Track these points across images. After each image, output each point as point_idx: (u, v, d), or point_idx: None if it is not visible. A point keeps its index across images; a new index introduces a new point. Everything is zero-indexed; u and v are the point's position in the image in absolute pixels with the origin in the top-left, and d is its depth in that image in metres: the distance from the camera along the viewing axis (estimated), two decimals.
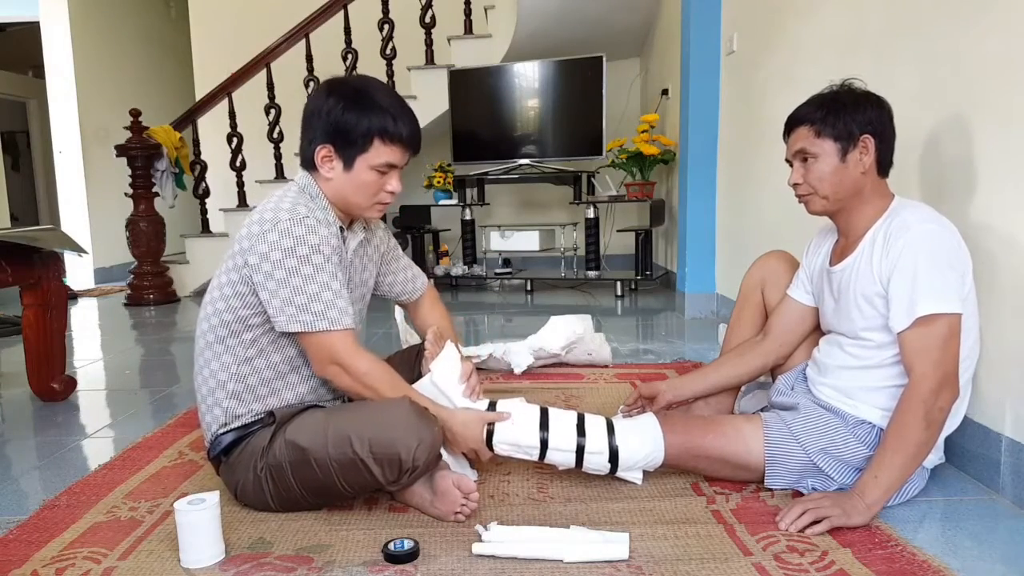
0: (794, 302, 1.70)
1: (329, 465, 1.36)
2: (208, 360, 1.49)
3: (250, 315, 1.45)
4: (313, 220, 1.42)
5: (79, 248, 2.44)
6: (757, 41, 2.99)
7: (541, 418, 1.51)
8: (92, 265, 5.91)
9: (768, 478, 1.51)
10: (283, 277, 1.39)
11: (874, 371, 1.49)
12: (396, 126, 1.44)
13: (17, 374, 2.66)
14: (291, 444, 1.40)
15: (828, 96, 1.50)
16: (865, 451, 1.46)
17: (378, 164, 1.45)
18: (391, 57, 4.77)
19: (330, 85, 1.48)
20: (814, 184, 1.50)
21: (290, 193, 1.48)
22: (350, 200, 1.49)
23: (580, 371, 2.59)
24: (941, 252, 1.38)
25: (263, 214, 1.43)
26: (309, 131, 1.48)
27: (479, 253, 5.04)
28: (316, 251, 1.40)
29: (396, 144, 1.45)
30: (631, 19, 4.82)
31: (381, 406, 1.40)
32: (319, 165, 1.47)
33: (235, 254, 1.44)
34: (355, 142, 1.44)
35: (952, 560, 1.25)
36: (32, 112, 7.83)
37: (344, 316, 1.42)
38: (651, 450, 1.50)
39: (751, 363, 1.75)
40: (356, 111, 1.43)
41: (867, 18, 2.07)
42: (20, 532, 1.44)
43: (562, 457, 1.51)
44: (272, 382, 1.49)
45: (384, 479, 1.35)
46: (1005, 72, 1.49)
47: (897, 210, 1.47)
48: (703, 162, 3.54)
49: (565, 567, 1.25)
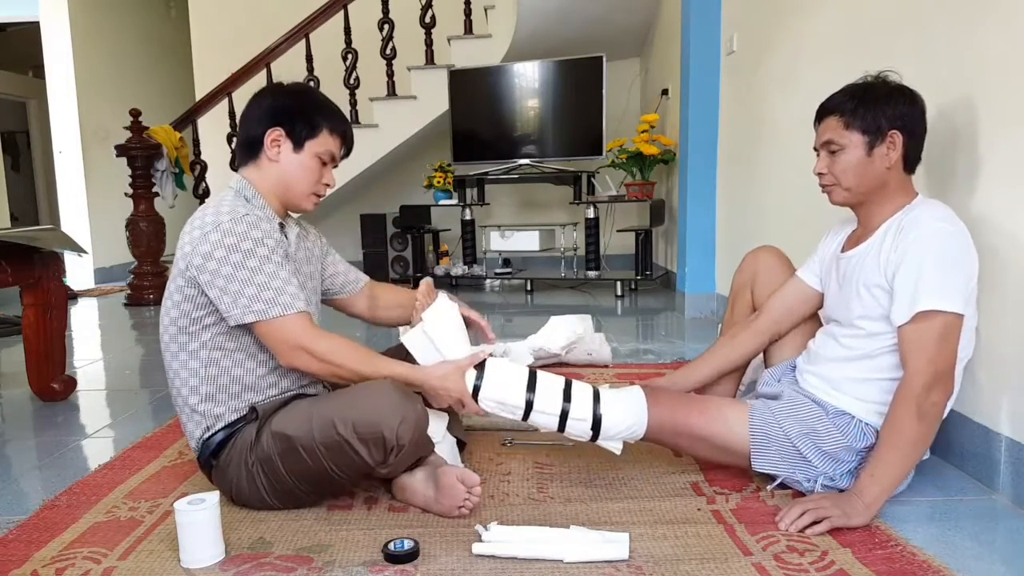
0: (800, 282, 1.70)
1: (316, 450, 1.37)
2: (177, 370, 1.50)
3: (203, 315, 1.46)
4: (254, 217, 1.45)
5: (79, 248, 2.44)
6: (757, 41, 2.99)
7: (529, 379, 1.51)
8: (92, 265, 5.91)
9: (754, 460, 1.51)
10: (230, 272, 1.40)
11: (862, 362, 1.49)
12: (340, 123, 1.56)
13: (17, 374, 2.66)
14: (278, 435, 1.41)
15: (861, 87, 1.49)
16: (844, 441, 1.46)
17: (323, 152, 1.53)
18: (391, 57, 4.78)
19: (275, 88, 1.59)
20: (838, 175, 1.50)
21: (227, 198, 1.50)
22: (292, 186, 1.54)
23: (580, 371, 2.59)
24: (950, 251, 1.38)
25: (203, 219, 1.45)
26: (252, 124, 1.53)
27: (479, 253, 5.04)
28: (260, 244, 1.42)
29: (338, 137, 1.55)
30: (631, 19, 4.82)
31: (363, 388, 1.42)
32: (267, 148, 1.51)
33: (177, 260, 1.47)
34: (306, 124, 1.51)
35: (952, 560, 1.25)
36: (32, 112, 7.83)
37: (296, 300, 1.43)
38: (633, 422, 1.50)
39: (745, 343, 1.75)
40: (306, 104, 1.53)
41: (867, 17, 2.07)
42: (20, 532, 1.45)
43: (545, 420, 1.50)
44: (243, 378, 1.50)
45: (372, 459, 1.37)
46: (1006, 71, 1.49)
47: (915, 206, 1.47)
48: (703, 162, 3.54)
49: (565, 567, 1.25)
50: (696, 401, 1.60)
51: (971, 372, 1.54)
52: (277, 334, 1.43)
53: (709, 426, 1.52)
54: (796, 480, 1.50)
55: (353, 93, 4.83)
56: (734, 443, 1.52)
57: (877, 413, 1.46)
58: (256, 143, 1.52)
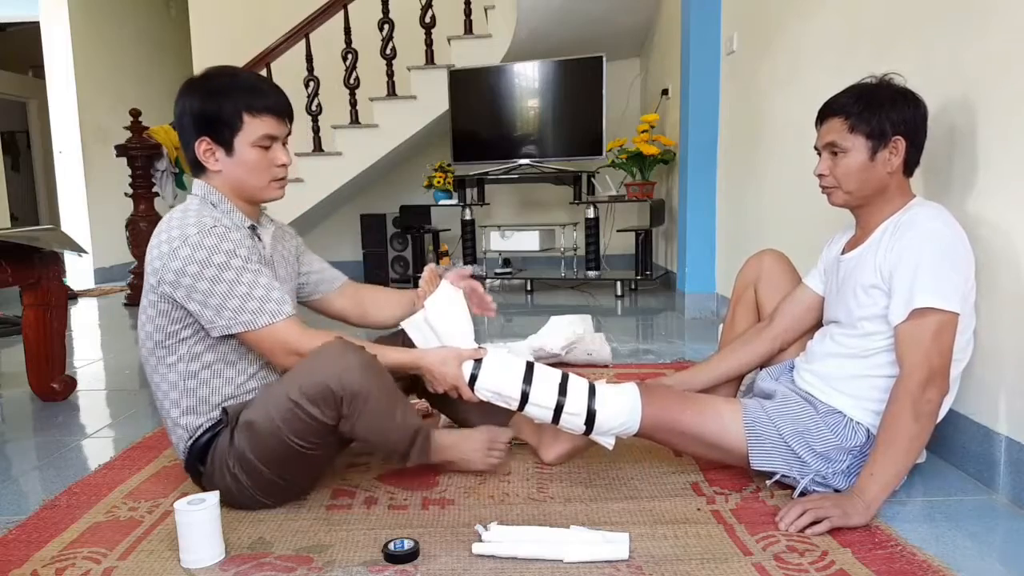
0: (808, 290, 1.71)
1: (275, 426, 1.37)
2: (158, 383, 1.50)
3: (179, 328, 1.45)
4: (222, 228, 1.42)
5: (79, 248, 2.44)
6: (757, 41, 2.99)
7: (526, 372, 1.51)
8: (92, 265, 5.91)
9: (751, 458, 1.51)
10: (207, 287, 1.38)
11: (857, 360, 1.49)
12: (260, 99, 1.45)
13: (17, 374, 2.66)
14: (243, 426, 1.41)
15: (867, 90, 1.48)
16: (836, 441, 1.46)
17: (256, 139, 1.45)
18: (391, 57, 4.78)
19: (184, 86, 1.48)
20: (839, 178, 1.50)
21: (192, 207, 1.47)
22: (247, 184, 1.49)
23: (580, 371, 2.59)
24: (946, 251, 1.39)
25: (170, 232, 1.41)
26: (183, 135, 1.48)
27: (479, 253, 5.04)
28: (232, 255, 1.40)
29: (266, 115, 1.45)
30: (631, 19, 4.82)
31: (310, 356, 1.41)
32: (204, 160, 1.47)
33: (148, 275, 1.44)
34: (226, 124, 1.43)
35: (952, 560, 1.25)
36: (32, 112, 7.84)
37: (283, 305, 1.43)
38: (627, 419, 1.50)
39: (757, 349, 1.75)
40: (215, 97, 1.44)
41: (867, 18, 2.08)
42: (20, 532, 1.45)
43: (540, 412, 1.51)
44: (222, 388, 1.49)
45: (324, 416, 1.36)
46: (1004, 72, 1.49)
47: (912, 207, 1.47)
48: (703, 162, 3.54)
49: (565, 567, 1.25)
50: (691, 399, 1.60)
51: (970, 372, 1.54)
52: (269, 342, 1.43)
53: (703, 424, 1.52)
54: (792, 477, 1.50)
55: (353, 93, 4.83)
56: (728, 442, 1.52)
57: (869, 411, 1.47)
58: (195, 163, 1.48)
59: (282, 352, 1.43)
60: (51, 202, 7.40)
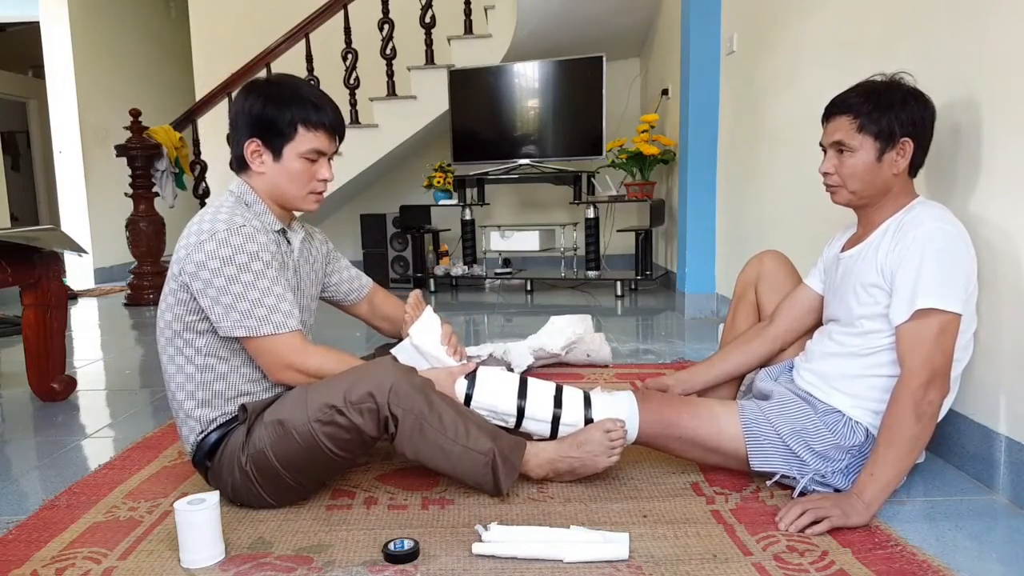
0: (808, 290, 1.71)
1: (309, 428, 1.37)
2: (173, 374, 1.51)
3: (196, 320, 1.46)
4: (251, 229, 1.43)
5: (79, 248, 2.44)
6: (757, 41, 2.99)
7: (520, 386, 1.51)
8: (92, 265, 5.91)
9: (751, 460, 1.51)
10: (223, 285, 1.40)
11: (856, 359, 1.49)
12: (317, 114, 1.48)
13: (17, 374, 2.66)
14: (271, 423, 1.41)
15: (877, 89, 1.47)
16: (834, 440, 1.46)
17: (305, 151, 1.48)
18: (391, 57, 4.78)
19: (248, 87, 1.52)
20: (845, 177, 1.49)
21: (226, 204, 1.49)
22: (285, 192, 1.51)
23: (580, 371, 2.59)
24: (949, 252, 1.39)
25: (200, 225, 1.44)
26: (236, 132, 1.51)
27: (479, 253, 5.04)
28: (255, 258, 1.41)
29: (320, 131, 1.49)
30: (631, 19, 4.82)
31: (356, 368, 1.44)
32: (250, 161, 1.49)
33: (173, 263, 1.46)
34: (280, 131, 1.47)
35: (952, 560, 1.25)
36: (32, 112, 7.83)
37: (289, 319, 1.43)
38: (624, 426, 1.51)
39: (758, 349, 1.75)
40: (276, 103, 1.47)
41: (868, 18, 2.07)
42: (20, 532, 1.45)
43: (537, 427, 1.51)
44: (239, 384, 1.50)
45: (367, 428, 1.37)
46: (1006, 72, 1.49)
47: (914, 207, 1.47)
48: (703, 162, 3.54)
49: (565, 567, 1.25)
50: (687, 404, 1.60)
51: (970, 372, 1.54)
52: (267, 352, 1.44)
53: (700, 428, 1.52)
54: (792, 477, 1.50)
55: (353, 93, 4.82)
56: (725, 445, 1.52)
57: (868, 411, 1.47)
58: (241, 160, 1.51)
59: (278, 364, 1.44)
60: (51, 202, 7.40)
